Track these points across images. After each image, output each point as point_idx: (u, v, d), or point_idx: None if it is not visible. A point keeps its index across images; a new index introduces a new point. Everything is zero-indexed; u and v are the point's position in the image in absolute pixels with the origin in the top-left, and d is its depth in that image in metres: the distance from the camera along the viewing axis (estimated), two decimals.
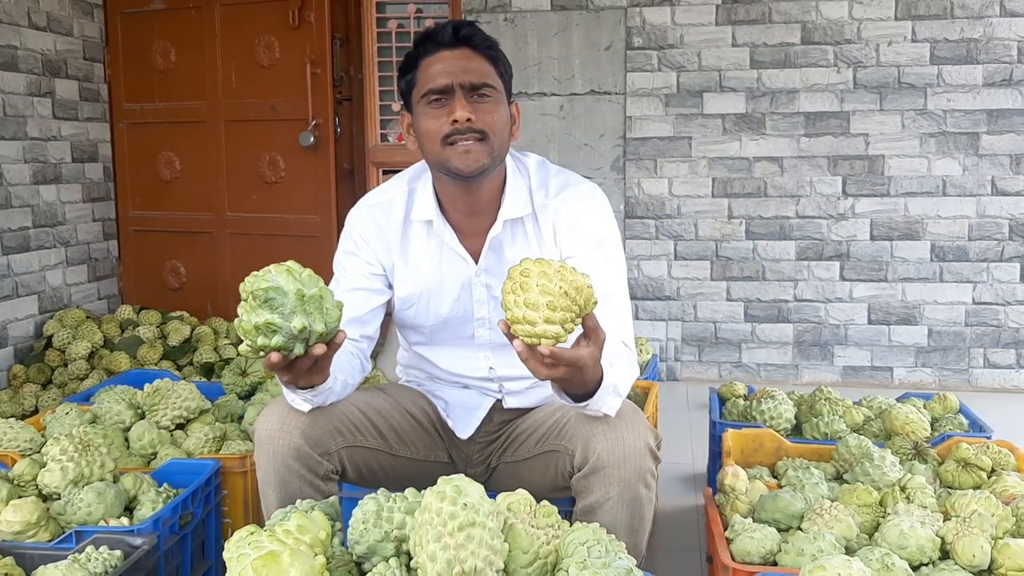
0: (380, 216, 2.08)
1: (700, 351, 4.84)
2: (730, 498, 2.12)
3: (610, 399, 1.80)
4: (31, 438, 2.52)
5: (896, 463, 2.32)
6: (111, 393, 2.75)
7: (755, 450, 2.62)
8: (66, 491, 2.09)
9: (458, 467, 2.22)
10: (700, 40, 4.67)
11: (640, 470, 1.85)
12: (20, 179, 4.41)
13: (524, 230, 2.06)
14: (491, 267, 2.06)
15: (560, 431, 2.00)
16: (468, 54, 1.93)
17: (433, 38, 1.95)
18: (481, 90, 1.92)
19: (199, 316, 4.95)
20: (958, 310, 4.66)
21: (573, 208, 2.04)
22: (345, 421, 1.99)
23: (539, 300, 1.54)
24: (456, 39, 1.93)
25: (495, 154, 1.95)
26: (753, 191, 4.71)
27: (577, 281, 1.56)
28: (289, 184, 4.90)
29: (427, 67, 1.94)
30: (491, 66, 1.95)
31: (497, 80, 1.96)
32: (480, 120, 1.90)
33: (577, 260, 2.01)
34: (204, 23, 4.93)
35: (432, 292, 2.08)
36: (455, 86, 1.90)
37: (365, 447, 2.02)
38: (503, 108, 1.97)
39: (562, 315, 1.54)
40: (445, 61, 1.92)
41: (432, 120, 1.93)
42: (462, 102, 1.90)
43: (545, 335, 1.55)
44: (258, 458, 1.91)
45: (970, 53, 4.51)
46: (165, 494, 2.17)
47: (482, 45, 1.95)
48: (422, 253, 2.08)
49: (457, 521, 1.49)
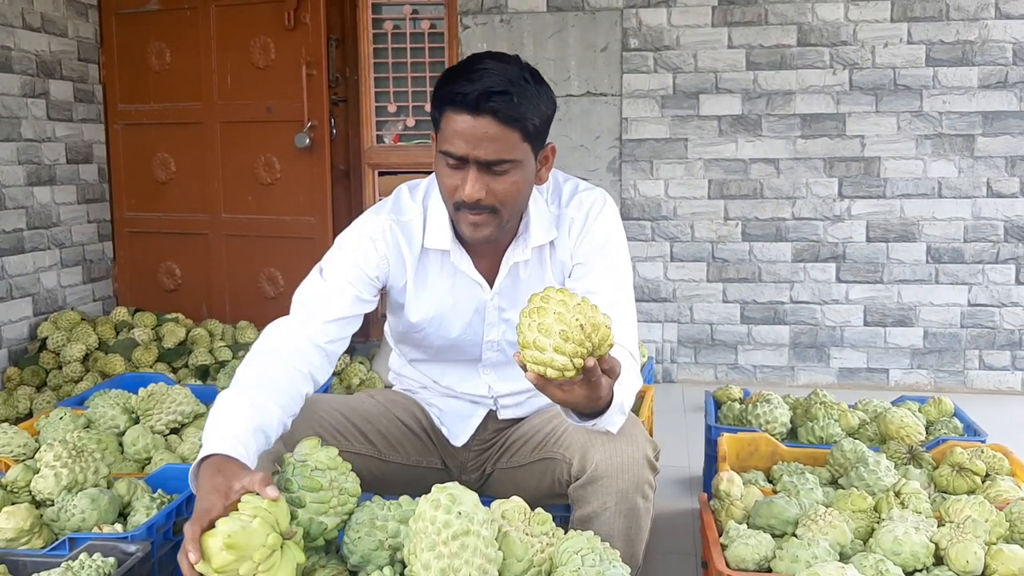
0: (401, 237, 2.00)
1: (696, 353, 4.84)
2: (725, 504, 2.12)
3: (617, 417, 1.79)
4: (25, 443, 2.51)
5: (891, 468, 2.32)
6: (105, 397, 2.74)
7: (751, 454, 2.62)
8: (59, 498, 2.08)
9: (452, 473, 2.22)
10: (696, 42, 4.67)
11: (638, 481, 1.85)
12: (14, 180, 4.40)
13: (541, 252, 2.04)
14: (506, 290, 2.04)
15: (558, 439, 1.99)
16: (490, 125, 1.77)
17: (462, 95, 1.78)
18: (497, 166, 1.81)
19: (194, 318, 4.94)
20: (954, 312, 4.67)
21: (584, 212, 2.02)
22: (326, 425, 1.99)
23: (553, 327, 1.50)
24: (481, 108, 1.76)
25: (505, 223, 1.89)
26: (749, 193, 4.71)
27: (596, 319, 1.53)
28: (285, 186, 4.89)
29: (448, 122, 1.81)
30: (517, 133, 1.80)
31: (520, 148, 1.82)
32: (491, 195, 1.82)
33: (586, 265, 2.01)
34: (199, 24, 4.92)
35: (444, 316, 2.05)
36: (470, 159, 1.80)
37: (351, 452, 2.00)
38: (522, 173, 1.85)
39: (573, 348, 1.50)
40: (466, 126, 1.78)
41: (447, 178, 1.85)
42: (474, 177, 1.80)
43: (552, 364, 1.51)
44: None
45: (965, 55, 4.51)
46: (159, 500, 2.16)
47: (508, 119, 1.77)
48: (437, 280, 2.03)
49: (451, 530, 1.49)
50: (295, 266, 4.92)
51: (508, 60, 1.84)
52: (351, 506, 1.68)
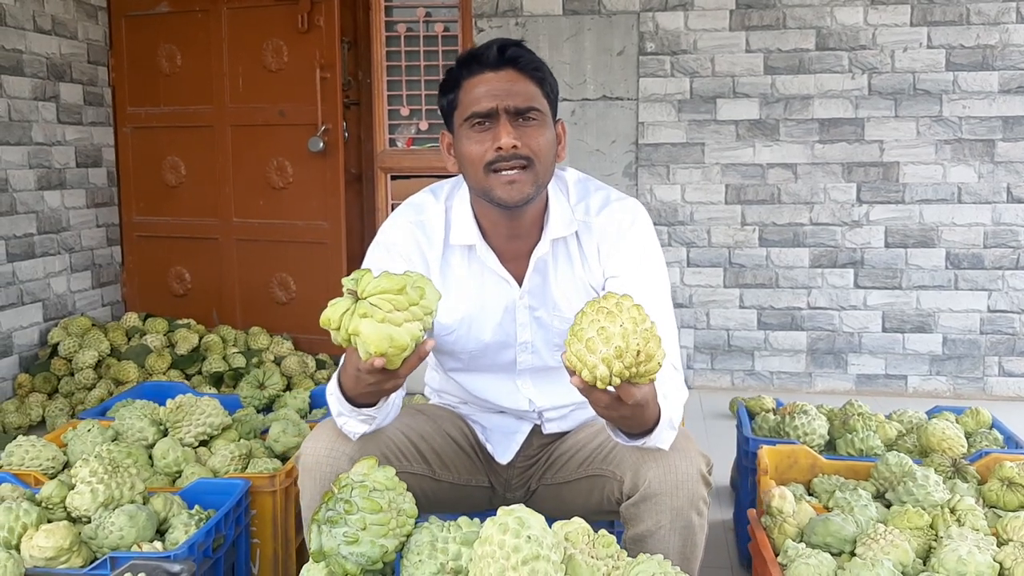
0: (421, 236, 1.99)
1: (713, 359, 4.80)
2: (778, 521, 2.08)
3: (667, 433, 1.75)
4: (53, 456, 2.46)
5: (939, 483, 2.28)
6: (132, 409, 2.68)
7: (789, 467, 2.57)
8: (96, 514, 2.03)
9: (496, 491, 2.17)
10: (713, 45, 4.63)
11: (693, 498, 1.80)
12: (25, 185, 4.34)
13: (568, 250, 1.99)
14: (535, 289, 1.99)
15: (606, 455, 1.94)
16: (513, 76, 1.84)
17: (477, 58, 1.86)
18: (527, 114, 1.83)
19: (205, 323, 4.88)
20: (973, 318, 4.63)
21: (617, 225, 1.97)
22: (392, 447, 1.93)
23: (614, 339, 1.48)
24: (501, 60, 1.84)
25: (540, 181, 1.87)
26: (767, 198, 4.67)
27: (654, 352, 1.50)
28: (297, 190, 4.83)
29: (470, 88, 1.85)
30: (537, 88, 1.87)
31: (543, 102, 1.87)
32: (526, 146, 1.82)
33: (621, 279, 1.96)
34: (211, 26, 4.86)
35: (474, 318, 2.00)
36: (500, 110, 1.82)
37: (409, 472, 1.95)
38: (549, 131, 1.88)
39: (620, 368, 1.48)
40: (489, 83, 1.83)
41: (475, 145, 1.84)
42: (507, 127, 1.81)
43: (592, 369, 1.49)
44: (303, 483, 1.85)
45: (986, 60, 4.48)
46: (197, 516, 2.11)
47: (528, 66, 1.86)
48: (463, 278, 2.00)
49: (521, 555, 1.44)
50: (307, 271, 4.87)
51: None
52: (409, 527, 1.63)
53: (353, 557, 1.56)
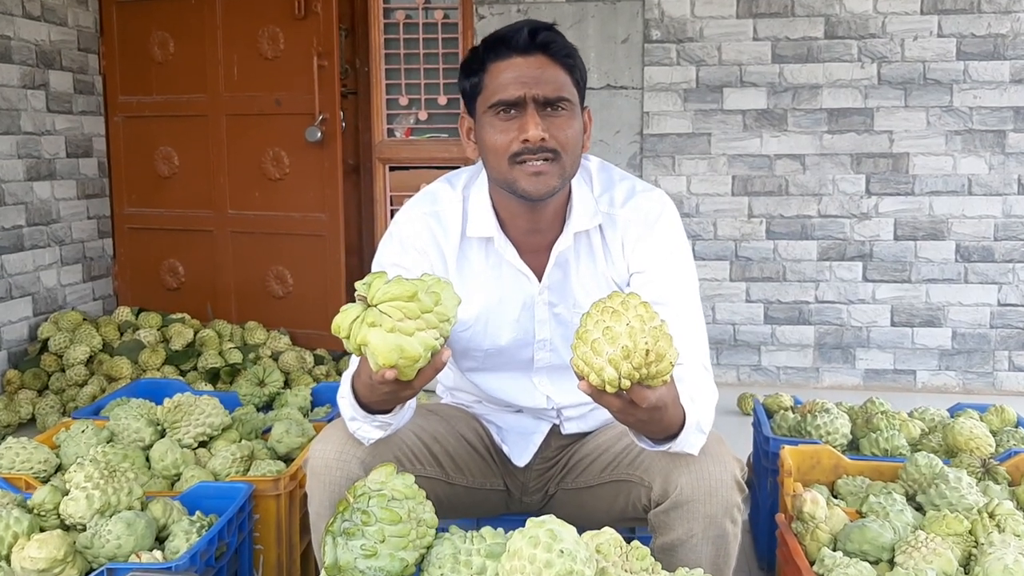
0: (436, 227, 1.88)
1: (718, 354, 4.70)
2: (809, 527, 1.98)
3: (694, 437, 1.65)
4: (46, 459, 2.34)
5: (972, 485, 2.19)
6: (127, 408, 2.57)
7: (812, 467, 2.48)
8: (92, 522, 1.91)
9: (513, 495, 2.07)
10: (720, 33, 4.52)
11: (727, 505, 1.71)
12: (13, 175, 4.22)
13: (590, 243, 1.89)
14: (555, 284, 1.89)
15: (633, 460, 1.84)
16: (544, 62, 1.72)
17: (506, 40, 1.74)
18: (556, 104, 1.72)
19: (199, 318, 4.77)
20: (983, 312, 4.55)
21: (644, 217, 1.87)
22: (405, 449, 1.83)
23: (620, 338, 1.37)
24: (532, 44, 1.72)
25: (566, 174, 1.77)
26: (774, 189, 4.58)
27: (665, 351, 1.40)
28: (294, 181, 4.72)
29: (497, 73, 1.74)
30: (567, 75, 1.75)
31: (573, 91, 1.76)
32: (553, 138, 1.71)
33: (648, 274, 1.86)
34: (204, 12, 4.73)
35: (491, 313, 1.90)
36: (528, 99, 1.71)
37: (423, 476, 1.85)
38: (577, 122, 1.77)
39: (628, 369, 1.37)
40: (518, 69, 1.72)
41: (500, 134, 1.73)
42: (535, 118, 1.70)
43: (599, 372, 1.39)
44: (311, 489, 1.75)
45: (997, 49, 4.39)
46: (199, 523, 2.00)
47: (560, 52, 1.74)
48: (480, 271, 1.89)
49: (554, 570, 1.34)
50: (304, 264, 4.76)
51: None
52: (429, 539, 1.53)
53: (371, 572, 1.46)
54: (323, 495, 1.73)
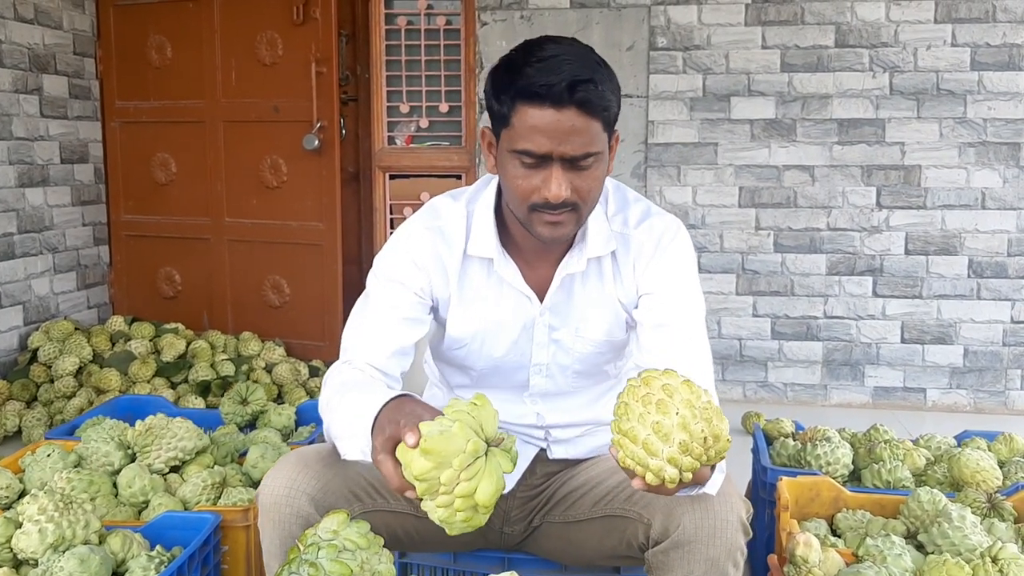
0: (439, 243, 1.80)
1: (724, 369, 4.59)
2: (802, 571, 1.87)
3: (718, 477, 1.57)
4: (8, 484, 2.26)
5: (977, 524, 2.08)
6: (99, 429, 2.48)
7: (811, 500, 2.37)
8: (44, 557, 1.83)
9: (492, 525, 1.96)
10: (728, 41, 4.41)
11: (731, 547, 1.61)
12: (5, 181, 4.14)
13: (600, 265, 1.82)
14: (557, 305, 1.82)
15: (632, 494, 1.74)
16: (576, 117, 1.57)
17: (542, 86, 1.56)
18: (583, 160, 1.60)
19: (195, 327, 4.69)
20: (995, 329, 4.42)
21: (657, 239, 1.80)
22: (362, 483, 1.74)
23: (674, 433, 1.29)
24: (569, 99, 1.56)
25: (583, 219, 1.70)
26: (782, 201, 4.46)
27: (719, 429, 1.31)
28: (292, 189, 4.63)
29: (525, 117, 1.59)
30: (599, 124, 1.60)
31: (603, 139, 1.62)
32: (575, 192, 1.61)
33: (655, 296, 1.78)
34: (203, 17, 4.65)
35: (488, 333, 1.83)
36: (555, 156, 1.59)
37: (387, 511, 1.76)
38: (603, 165, 1.65)
39: (690, 462, 1.29)
40: (548, 122, 1.57)
41: (522, 180, 1.62)
42: (559, 177, 1.59)
43: (658, 472, 1.30)
44: (262, 525, 1.66)
45: (1013, 59, 4.27)
46: (158, 558, 1.90)
47: (594, 109, 1.58)
48: (480, 290, 1.82)
49: None
50: (301, 273, 4.67)
51: (573, 43, 1.64)
52: None
53: None
54: (272, 533, 1.64)
